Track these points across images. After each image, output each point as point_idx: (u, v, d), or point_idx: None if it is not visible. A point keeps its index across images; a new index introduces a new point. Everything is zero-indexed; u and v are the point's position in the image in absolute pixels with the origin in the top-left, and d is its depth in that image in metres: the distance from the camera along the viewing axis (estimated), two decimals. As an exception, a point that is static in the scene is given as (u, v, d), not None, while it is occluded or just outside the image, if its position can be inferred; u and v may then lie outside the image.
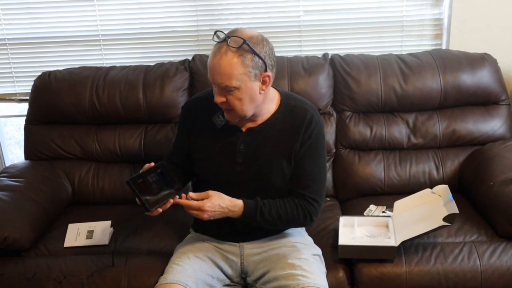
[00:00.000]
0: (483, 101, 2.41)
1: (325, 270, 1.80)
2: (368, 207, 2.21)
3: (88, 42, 2.75)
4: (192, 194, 1.64)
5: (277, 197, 1.73)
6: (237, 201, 1.68)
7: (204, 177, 1.84)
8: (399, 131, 2.39)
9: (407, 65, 2.40)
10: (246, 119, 1.72)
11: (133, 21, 2.71)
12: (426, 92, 2.36)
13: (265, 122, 1.74)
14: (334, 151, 2.42)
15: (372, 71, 2.39)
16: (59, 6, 2.70)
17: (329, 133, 2.40)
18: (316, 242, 1.91)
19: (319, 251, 1.85)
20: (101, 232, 2.06)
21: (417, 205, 2.02)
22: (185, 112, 1.87)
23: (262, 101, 1.68)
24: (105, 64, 2.76)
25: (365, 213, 2.16)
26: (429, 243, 1.92)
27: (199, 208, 1.61)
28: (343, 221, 2.01)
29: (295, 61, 2.46)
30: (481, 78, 2.37)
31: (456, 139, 2.38)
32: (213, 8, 2.68)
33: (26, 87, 2.79)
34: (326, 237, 2.03)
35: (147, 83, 2.41)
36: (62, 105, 2.42)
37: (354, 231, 1.95)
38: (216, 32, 1.60)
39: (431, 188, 2.07)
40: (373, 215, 2.14)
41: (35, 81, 2.49)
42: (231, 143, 1.75)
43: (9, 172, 2.31)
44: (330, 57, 2.49)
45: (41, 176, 2.31)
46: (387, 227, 1.99)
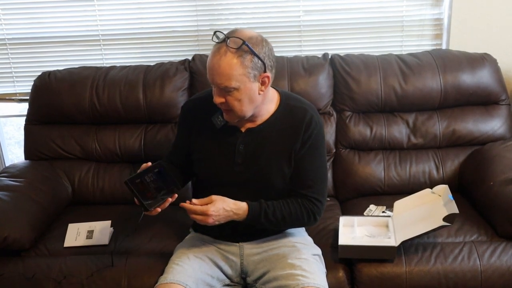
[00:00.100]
0: (483, 101, 2.41)
1: (325, 270, 1.80)
2: (368, 207, 2.21)
3: (88, 42, 2.74)
4: (195, 200, 1.63)
5: (277, 198, 1.73)
6: (241, 203, 1.67)
7: (203, 177, 1.84)
8: (399, 131, 2.39)
9: (407, 65, 2.40)
10: (245, 120, 1.72)
11: (133, 21, 2.71)
12: (426, 92, 2.36)
13: (265, 122, 1.74)
14: (334, 151, 2.42)
15: (372, 71, 2.39)
16: (59, 6, 2.70)
17: (329, 133, 2.40)
18: (316, 242, 1.91)
19: (319, 251, 1.85)
20: (101, 232, 2.06)
21: (417, 205, 2.02)
22: (185, 112, 1.87)
23: (261, 101, 1.68)
24: (105, 64, 2.75)
25: (365, 213, 2.16)
26: (429, 243, 1.92)
27: (203, 212, 1.61)
28: (343, 221, 2.01)
29: (295, 61, 2.46)
30: (481, 78, 2.37)
31: (456, 139, 2.38)
32: (213, 8, 2.68)
33: (26, 87, 2.79)
34: (326, 237, 2.03)
35: (147, 83, 2.41)
36: (62, 105, 2.42)
37: (354, 231, 1.95)
38: (215, 32, 1.60)
39: (431, 188, 2.07)
40: (373, 215, 2.14)
41: (35, 81, 2.49)
42: (230, 144, 1.74)
43: (9, 172, 2.31)
44: (330, 57, 2.49)
45: (41, 176, 2.31)
46: (387, 227, 1.99)
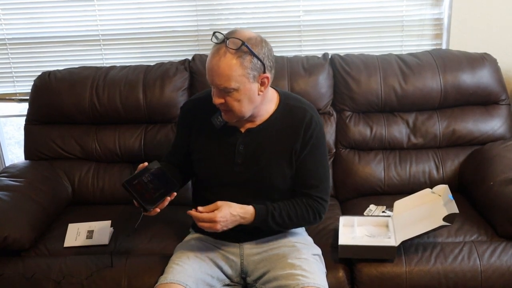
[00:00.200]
0: (483, 101, 2.41)
1: (325, 270, 1.80)
2: (368, 207, 2.21)
3: (88, 42, 2.74)
4: (201, 208, 1.63)
5: (277, 197, 1.73)
6: (248, 207, 1.67)
7: (203, 178, 1.84)
8: (399, 131, 2.39)
9: (407, 65, 2.40)
10: (244, 120, 1.72)
11: (133, 21, 2.71)
12: (426, 92, 2.36)
13: (264, 122, 1.74)
14: (334, 151, 2.42)
15: (372, 71, 2.39)
16: (59, 6, 2.70)
17: (329, 133, 2.40)
18: (316, 242, 1.91)
19: (319, 251, 1.85)
20: (101, 232, 2.05)
21: (417, 205, 2.02)
22: (184, 112, 1.87)
23: (260, 102, 1.68)
24: (105, 64, 2.75)
25: (365, 213, 2.16)
26: (429, 243, 1.92)
27: (211, 220, 1.61)
28: (343, 221, 2.01)
29: (295, 61, 2.46)
30: (481, 78, 2.37)
31: (456, 139, 2.38)
32: (213, 8, 2.68)
33: (26, 87, 2.79)
34: (326, 237, 2.03)
35: (147, 83, 2.41)
36: (62, 105, 2.42)
37: (354, 231, 1.95)
38: (214, 33, 1.59)
39: (431, 188, 2.07)
40: (373, 215, 2.14)
41: (35, 81, 2.49)
42: (230, 144, 1.74)
43: (9, 172, 2.31)
44: (330, 57, 2.49)
45: (41, 176, 2.31)
46: (387, 227, 1.98)
